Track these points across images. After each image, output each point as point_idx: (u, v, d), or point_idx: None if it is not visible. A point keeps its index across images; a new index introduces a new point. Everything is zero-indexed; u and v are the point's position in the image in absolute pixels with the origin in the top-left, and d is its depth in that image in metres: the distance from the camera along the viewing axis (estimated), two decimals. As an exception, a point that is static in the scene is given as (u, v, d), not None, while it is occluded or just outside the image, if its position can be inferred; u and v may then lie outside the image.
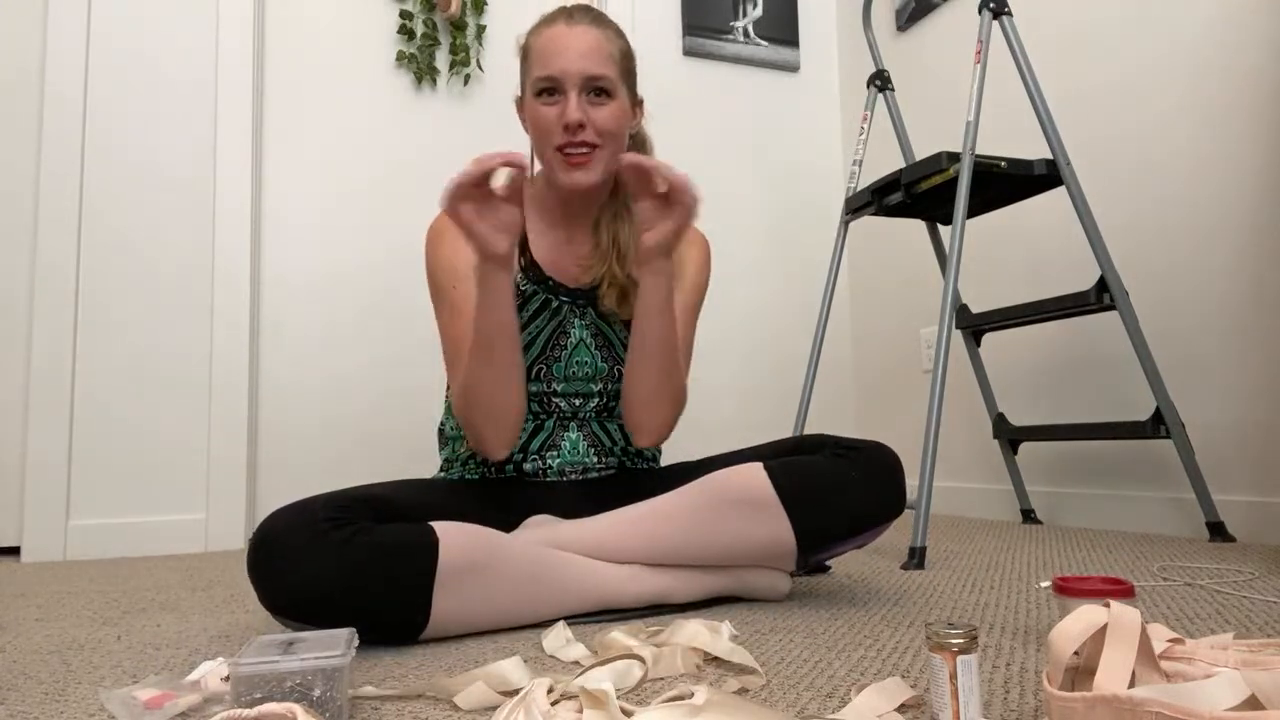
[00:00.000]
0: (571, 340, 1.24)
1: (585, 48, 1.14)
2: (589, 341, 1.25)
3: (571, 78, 1.13)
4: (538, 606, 1.03)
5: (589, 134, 1.14)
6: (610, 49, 1.16)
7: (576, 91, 1.14)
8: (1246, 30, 1.70)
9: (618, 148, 1.19)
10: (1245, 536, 1.67)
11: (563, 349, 1.24)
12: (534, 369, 1.22)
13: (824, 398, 2.77)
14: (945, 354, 1.61)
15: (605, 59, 1.15)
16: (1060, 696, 0.52)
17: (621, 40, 1.20)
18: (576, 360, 1.24)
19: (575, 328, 1.24)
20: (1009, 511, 2.23)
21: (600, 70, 1.14)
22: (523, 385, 1.14)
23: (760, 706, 0.61)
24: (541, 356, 1.23)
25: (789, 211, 2.85)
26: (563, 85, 1.14)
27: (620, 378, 1.25)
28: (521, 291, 1.22)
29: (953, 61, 2.47)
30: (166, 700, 0.71)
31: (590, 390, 1.25)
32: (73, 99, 2.05)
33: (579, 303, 1.25)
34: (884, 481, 1.14)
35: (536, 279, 1.23)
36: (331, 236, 2.31)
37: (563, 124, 1.13)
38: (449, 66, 2.43)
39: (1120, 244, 1.94)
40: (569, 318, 1.24)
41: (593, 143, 1.15)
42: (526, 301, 1.22)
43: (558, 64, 1.13)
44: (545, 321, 1.23)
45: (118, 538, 2.00)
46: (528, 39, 1.20)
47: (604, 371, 1.25)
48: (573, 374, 1.24)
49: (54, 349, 2.00)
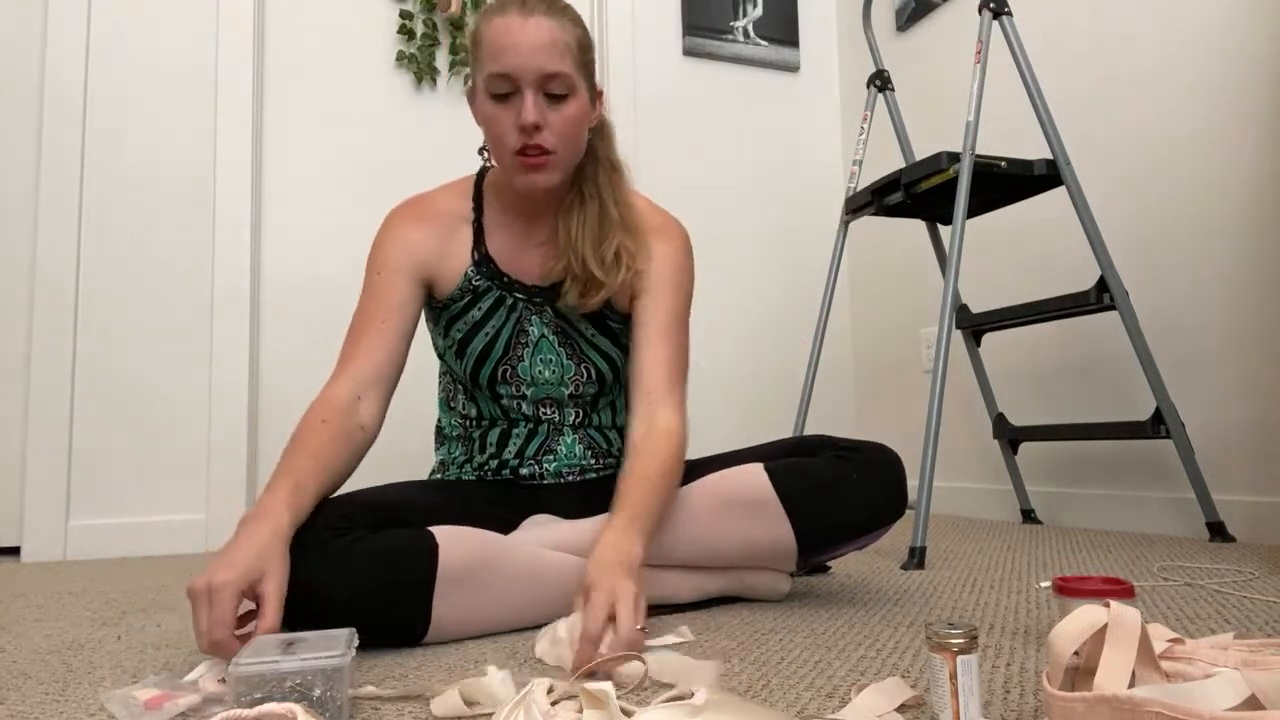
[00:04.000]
0: (532, 338, 1.18)
1: (541, 41, 1.04)
2: (551, 339, 1.19)
3: (527, 75, 1.04)
4: (538, 608, 1.03)
5: (546, 138, 1.06)
6: (567, 39, 1.07)
7: (533, 91, 1.05)
8: (1247, 30, 1.70)
9: (578, 148, 1.13)
10: (1245, 536, 1.67)
11: (524, 348, 1.18)
12: (499, 370, 1.17)
13: (824, 397, 2.77)
14: (945, 354, 1.61)
15: (563, 52, 1.06)
16: (1060, 696, 0.52)
17: (579, 28, 1.10)
18: (540, 359, 1.18)
19: (534, 325, 1.18)
20: (1009, 511, 2.23)
21: (557, 67, 1.05)
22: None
23: (760, 706, 0.61)
24: (505, 358, 1.17)
25: (789, 211, 2.85)
26: (517, 83, 1.05)
27: (590, 378, 1.20)
28: (474, 287, 1.17)
29: (953, 61, 2.46)
30: (166, 700, 0.71)
31: (561, 394, 1.19)
32: (72, 100, 2.05)
33: (535, 300, 1.19)
34: (885, 484, 1.14)
35: (490, 274, 1.18)
36: (331, 236, 2.31)
37: (518, 126, 1.05)
38: (449, 66, 2.43)
39: (1120, 244, 1.94)
40: (526, 315, 1.18)
41: (550, 147, 1.07)
42: (479, 298, 1.17)
43: (511, 60, 1.04)
44: (502, 320, 1.18)
45: (118, 538, 2.00)
46: (478, 25, 1.09)
47: (570, 371, 1.19)
48: (538, 375, 1.18)
49: (54, 349, 1.99)
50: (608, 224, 1.16)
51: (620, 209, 1.17)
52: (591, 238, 1.15)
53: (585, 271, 1.14)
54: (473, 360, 1.18)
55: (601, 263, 1.14)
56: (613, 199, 1.17)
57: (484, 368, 1.18)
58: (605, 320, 1.22)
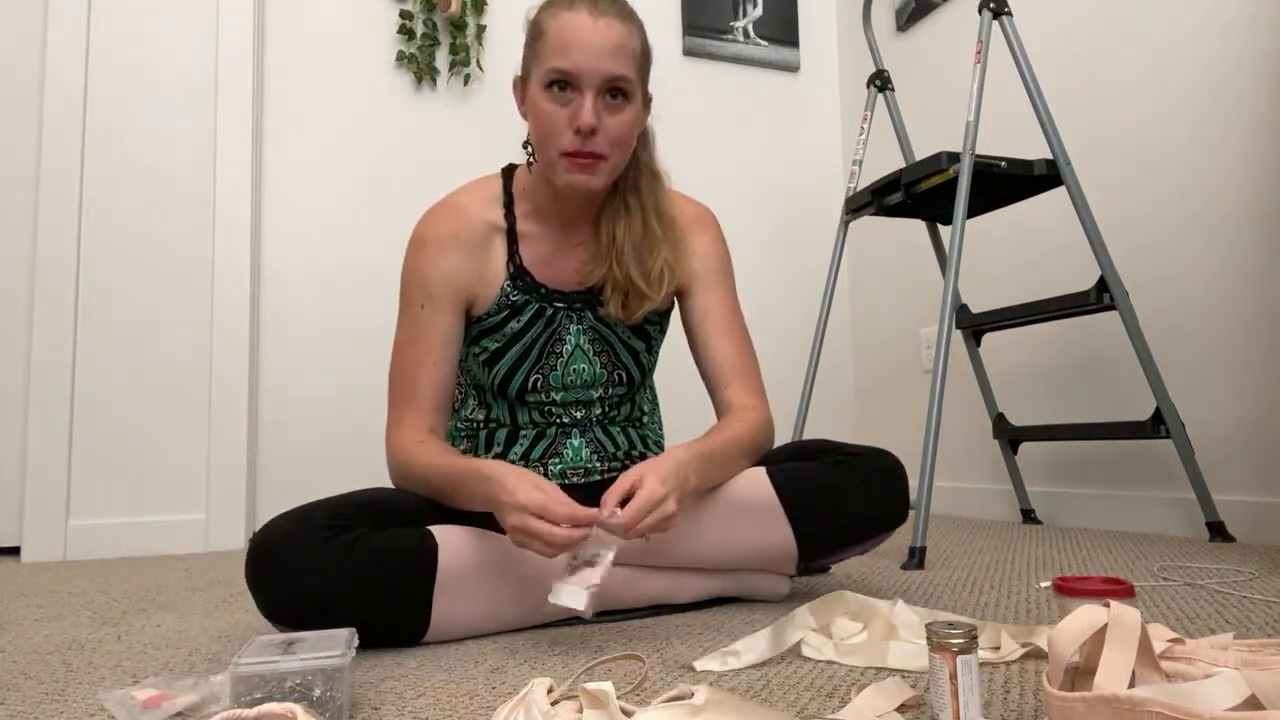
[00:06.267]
0: (567, 348, 1.17)
1: (610, 44, 1.02)
2: (586, 348, 1.18)
3: (590, 76, 1.02)
4: (538, 608, 1.03)
5: (600, 143, 1.04)
6: (634, 45, 1.06)
7: (594, 92, 1.03)
8: (1247, 29, 1.70)
9: (627, 154, 1.10)
10: (1245, 536, 1.67)
11: (558, 357, 1.16)
12: (530, 380, 1.16)
13: (824, 397, 2.77)
14: (945, 354, 1.61)
15: (629, 58, 1.04)
16: (1060, 696, 0.52)
17: (643, 35, 1.09)
18: (573, 368, 1.17)
19: (571, 334, 1.17)
20: (1009, 511, 2.22)
21: (623, 71, 1.03)
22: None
23: (760, 706, 0.61)
24: (537, 366, 1.16)
25: (789, 211, 2.85)
26: (579, 82, 1.03)
27: (620, 381, 1.20)
28: (512, 302, 1.15)
29: (953, 61, 2.46)
30: (165, 700, 0.71)
31: (590, 397, 1.19)
32: (73, 101, 2.05)
33: (575, 306, 1.17)
34: (887, 489, 1.13)
35: (527, 288, 1.15)
36: (331, 236, 2.31)
37: (574, 126, 1.03)
38: (449, 66, 2.43)
39: (1120, 244, 1.94)
40: (564, 324, 1.17)
41: (602, 153, 1.05)
42: (518, 312, 1.15)
43: (577, 58, 1.02)
44: (540, 330, 1.16)
45: (118, 538, 2.00)
46: (541, 17, 1.07)
47: (602, 378, 1.19)
48: (570, 382, 1.17)
49: (54, 349, 1.99)
50: (651, 238, 1.15)
51: (662, 223, 1.16)
52: (635, 251, 1.14)
53: (628, 282, 1.14)
54: (504, 370, 1.16)
55: (646, 278, 1.14)
56: (654, 210, 1.16)
57: (515, 377, 1.16)
58: (642, 324, 1.22)
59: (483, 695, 0.76)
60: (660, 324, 1.25)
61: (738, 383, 1.19)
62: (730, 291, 1.22)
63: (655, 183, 1.18)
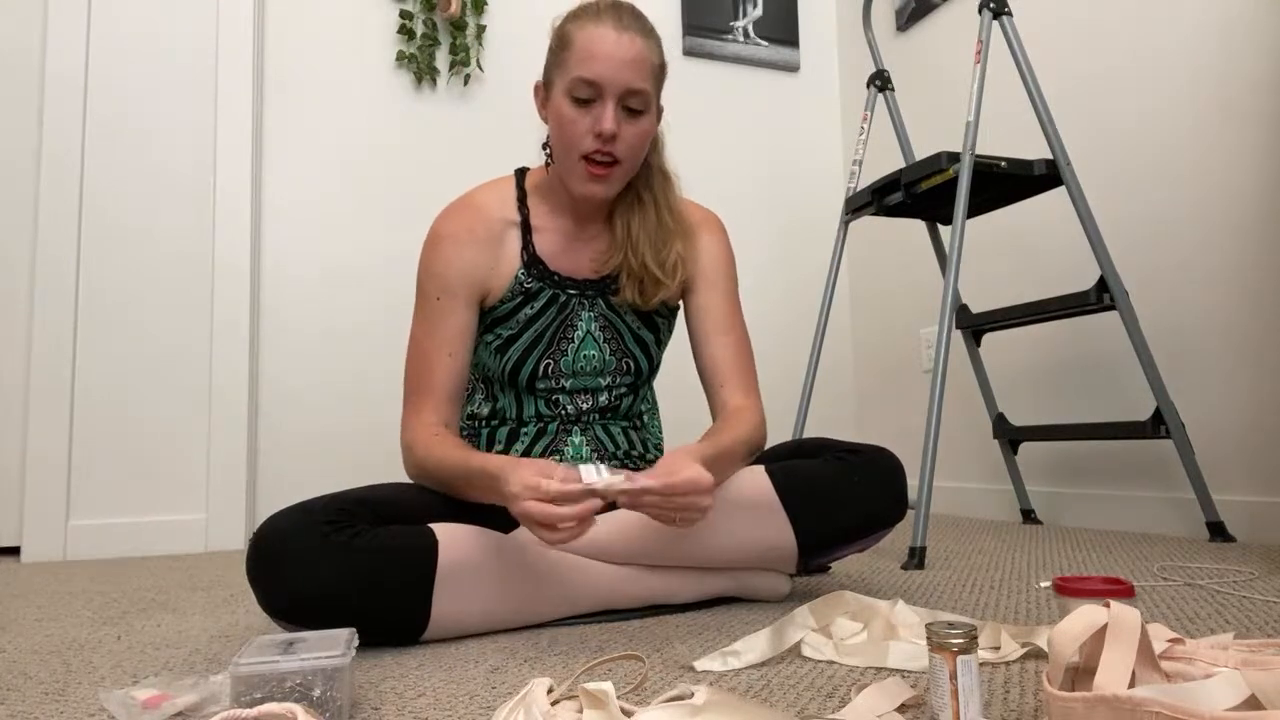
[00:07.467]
0: (578, 334, 1.20)
1: (632, 57, 1.09)
2: (596, 335, 1.21)
3: (613, 86, 1.08)
4: (538, 607, 1.03)
5: (618, 148, 1.10)
6: (654, 60, 1.12)
7: (615, 101, 1.09)
8: (1246, 28, 1.70)
9: (639, 162, 1.17)
10: (1245, 536, 1.67)
11: (569, 342, 1.20)
12: (541, 365, 1.19)
13: (824, 397, 2.77)
14: (945, 354, 1.61)
15: (649, 72, 1.11)
16: (1060, 696, 0.52)
17: (661, 51, 1.16)
18: (584, 354, 1.21)
19: (582, 320, 1.21)
20: (1009, 511, 2.22)
21: (642, 84, 1.10)
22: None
23: (760, 706, 0.61)
24: (548, 352, 1.19)
25: (789, 211, 2.85)
26: (602, 91, 1.08)
27: (628, 370, 1.23)
28: (526, 289, 1.18)
29: (953, 61, 2.46)
30: (165, 700, 0.71)
31: (598, 384, 1.22)
32: (73, 97, 2.05)
33: (588, 294, 1.21)
34: (886, 486, 1.14)
35: (541, 275, 1.19)
36: (331, 235, 2.31)
37: (595, 132, 1.09)
38: (449, 66, 2.43)
39: (1120, 244, 1.94)
40: (576, 310, 1.20)
41: (618, 158, 1.11)
42: (531, 298, 1.18)
43: (601, 69, 1.07)
44: (553, 318, 1.20)
45: (118, 538, 2.00)
46: (568, 28, 1.12)
47: (611, 365, 1.22)
48: (580, 368, 1.20)
49: (54, 348, 1.99)
50: (665, 230, 1.21)
51: (674, 218, 1.22)
52: (650, 241, 1.20)
53: (644, 270, 1.19)
54: (516, 356, 1.18)
55: (662, 266, 1.19)
56: (667, 206, 1.22)
57: (526, 364, 1.18)
58: (652, 315, 1.25)
59: (483, 695, 0.76)
60: (669, 319, 1.29)
61: (734, 382, 1.22)
62: (732, 293, 1.26)
63: (667, 182, 1.23)
